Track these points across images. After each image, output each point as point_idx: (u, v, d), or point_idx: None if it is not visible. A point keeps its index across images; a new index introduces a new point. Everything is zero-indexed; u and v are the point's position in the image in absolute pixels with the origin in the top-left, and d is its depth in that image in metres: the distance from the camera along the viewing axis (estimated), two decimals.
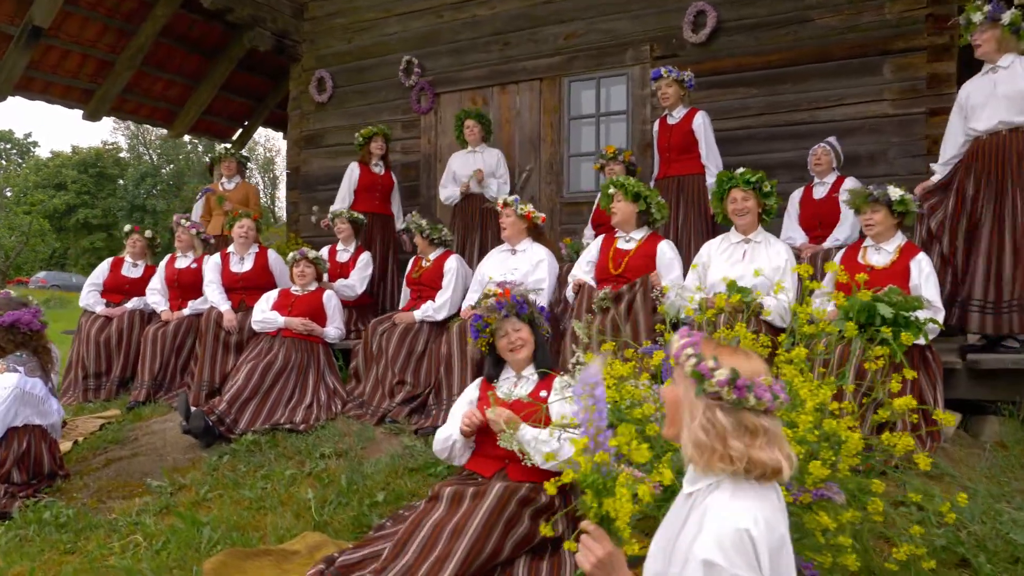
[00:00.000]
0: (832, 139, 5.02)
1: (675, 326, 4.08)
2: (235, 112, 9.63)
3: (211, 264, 5.46)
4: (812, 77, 5.47)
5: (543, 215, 4.50)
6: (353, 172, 6.31)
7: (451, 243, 5.14)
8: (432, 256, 4.97)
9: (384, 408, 4.47)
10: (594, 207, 5.68)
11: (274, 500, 3.40)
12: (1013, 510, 2.97)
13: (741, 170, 3.96)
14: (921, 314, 3.34)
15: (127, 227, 6.16)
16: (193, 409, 4.11)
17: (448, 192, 6.10)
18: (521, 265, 4.37)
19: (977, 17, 3.86)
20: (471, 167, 5.93)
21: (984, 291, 3.88)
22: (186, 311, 5.50)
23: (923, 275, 3.60)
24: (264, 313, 4.97)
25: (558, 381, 2.91)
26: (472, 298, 4.50)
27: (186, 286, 5.64)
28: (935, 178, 4.25)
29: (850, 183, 4.81)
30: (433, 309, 4.71)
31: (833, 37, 5.40)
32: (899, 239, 3.76)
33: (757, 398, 1.52)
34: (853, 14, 5.34)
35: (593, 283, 4.24)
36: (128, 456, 4.09)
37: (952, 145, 4.18)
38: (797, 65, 5.51)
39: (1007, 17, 3.83)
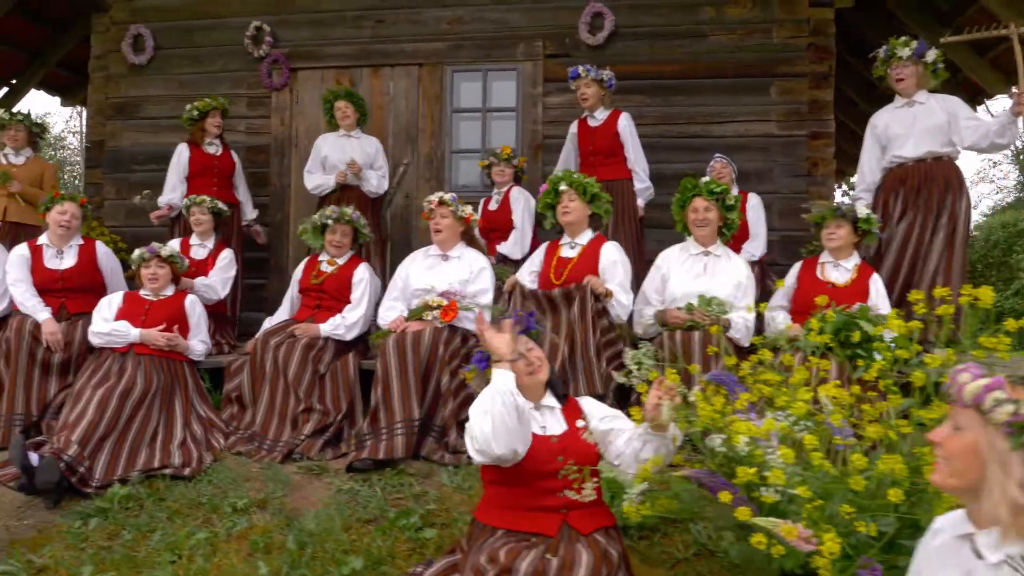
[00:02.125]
0: (721, 154, 5.09)
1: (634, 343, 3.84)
2: None
3: (16, 258, 4.14)
4: (706, 92, 5.54)
5: (479, 216, 4.00)
6: (182, 155, 5.27)
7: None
8: (341, 260, 4.20)
9: (287, 441, 3.67)
10: (480, 210, 5.25)
11: None
12: None
13: (705, 179, 3.83)
14: (887, 334, 3.43)
15: None
16: (42, 457, 3.02)
17: (317, 180, 5.23)
18: (461, 273, 3.81)
19: (904, 52, 4.09)
20: (345, 153, 5.18)
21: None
22: None
23: (880, 295, 3.68)
24: (109, 323, 3.87)
25: (589, 403, 2.49)
26: (399, 307, 3.85)
27: None
28: (861, 203, 4.39)
29: (754, 199, 4.92)
30: (345, 327, 3.96)
31: (725, 55, 5.52)
32: (856, 258, 3.81)
33: None
34: (744, 34, 5.50)
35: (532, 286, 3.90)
36: None
37: (871, 171, 4.40)
38: (691, 78, 5.56)
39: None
